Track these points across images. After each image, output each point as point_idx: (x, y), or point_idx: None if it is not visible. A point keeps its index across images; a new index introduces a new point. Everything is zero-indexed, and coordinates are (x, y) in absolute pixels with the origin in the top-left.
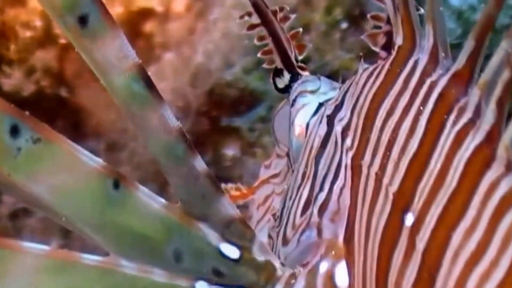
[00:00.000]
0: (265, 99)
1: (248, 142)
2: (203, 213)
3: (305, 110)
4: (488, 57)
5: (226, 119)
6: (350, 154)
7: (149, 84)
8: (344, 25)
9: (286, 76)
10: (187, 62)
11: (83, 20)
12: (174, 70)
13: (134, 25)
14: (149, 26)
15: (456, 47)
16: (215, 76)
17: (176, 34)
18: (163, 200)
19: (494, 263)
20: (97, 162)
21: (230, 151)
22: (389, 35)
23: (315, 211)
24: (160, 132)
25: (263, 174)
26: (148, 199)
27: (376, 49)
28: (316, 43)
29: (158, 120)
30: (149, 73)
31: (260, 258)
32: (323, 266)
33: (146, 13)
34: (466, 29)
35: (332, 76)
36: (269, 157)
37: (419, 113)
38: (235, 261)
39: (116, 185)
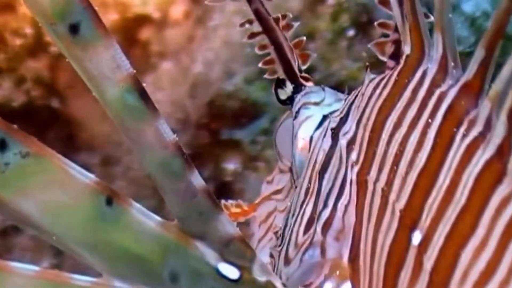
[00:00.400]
0: (267, 111)
1: (250, 156)
2: (201, 232)
3: (309, 122)
4: (499, 66)
5: (227, 131)
6: (356, 169)
7: (144, 96)
8: (351, 32)
9: (289, 86)
10: (185, 71)
11: (74, 29)
12: (172, 80)
13: (130, 32)
14: (145, 34)
15: (469, 56)
16: (215, 86)
17: (174, 42)
18: (158, 218)
19: (505, 283)
20: (89, 177)
21: (231, 165)
22: (397, 43)
23: (319, 229)
24: (156, 147)
25: (265, 190)
26: (143, 217)
27: (384, 58)
28: (322, 52)
29: (153, 134)
30: (146, 83)
31: (261, 278)
32: (327, 287)
33: (142, 20)
34: (479, 37)
35: (339, 87)
36: (272, 171)
37: (427, 125)
38: (235, 282)
39: (109, 202)
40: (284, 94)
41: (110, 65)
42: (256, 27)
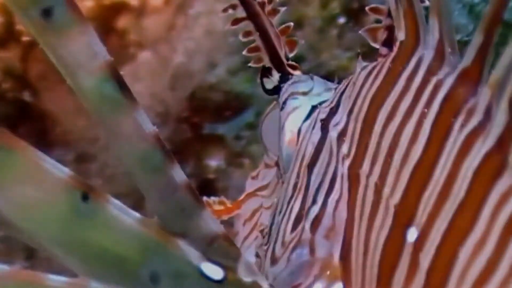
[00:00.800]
0: (252, 104)
1: (234, 152)
2: (183, 229)
3: (297, 113)
4: (498, 53)
5: (209, 126)
6: (347, 162)
7: (122, 86)
8: (341, 20)
9: (275, 75)
10: (165, 62)
11: (47, 13)
12: (151, 71)
13: (106, 20)
14: (123, 22)
15: (468, 45)
16: (196, 78)
17: (153, 30)
18: (138, 215)
19: (505, 282)
20: (63, 172)
21: (214, 161)
22: (391, 29)
23: (307, 226)
24: (134, 139)
25: (250, 186)
26: (121, 214)
27: (376, 46)
28: (311, 41)
29: (131, 126)
30: (123, 74)
31: (246, 279)
32: None
33: (120, 7)
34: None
35: (329, 77)
36: (257, 167)
37: (423, 116)
38: (218, 282)
39: (85, 198)
40: (270, 83)
41: (85, 52)
42: (240, 13)
